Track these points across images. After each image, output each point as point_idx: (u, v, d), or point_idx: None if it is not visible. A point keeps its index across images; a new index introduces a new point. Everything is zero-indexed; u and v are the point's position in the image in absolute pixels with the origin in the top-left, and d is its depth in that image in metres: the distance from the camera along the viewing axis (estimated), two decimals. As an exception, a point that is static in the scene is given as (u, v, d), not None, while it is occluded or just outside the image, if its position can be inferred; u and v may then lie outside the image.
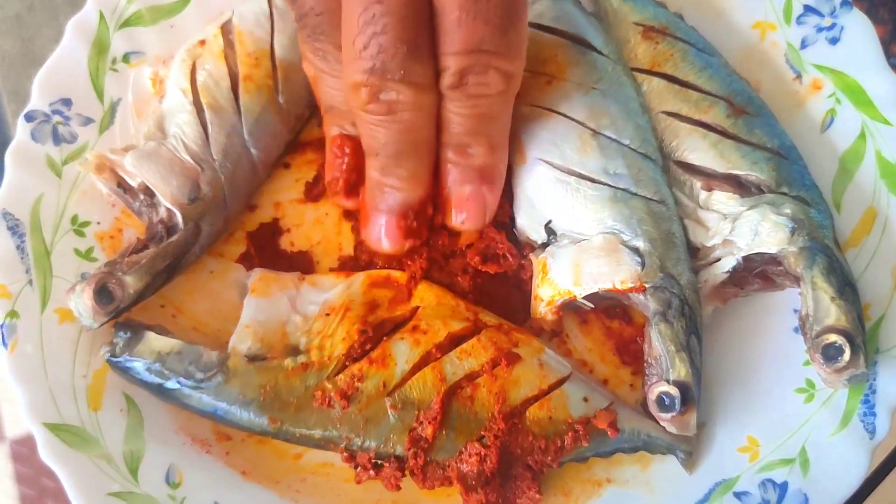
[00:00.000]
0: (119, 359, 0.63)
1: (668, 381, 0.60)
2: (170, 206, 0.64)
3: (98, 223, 0.68)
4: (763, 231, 0.62)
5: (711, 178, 0.65)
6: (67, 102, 0.69)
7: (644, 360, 0.62)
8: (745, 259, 0.63)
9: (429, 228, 0.62)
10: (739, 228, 0.63)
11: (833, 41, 0.69)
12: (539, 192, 0.65)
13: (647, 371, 0.62)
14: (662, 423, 0.61)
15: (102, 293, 0.61)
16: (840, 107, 0.68)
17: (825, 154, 0.68)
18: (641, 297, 0.62)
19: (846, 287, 0.61)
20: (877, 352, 0.63)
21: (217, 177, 0.66)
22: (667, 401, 0.60)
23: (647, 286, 0.62)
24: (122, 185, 0.66)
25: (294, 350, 0.63)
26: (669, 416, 0.60)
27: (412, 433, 0.60)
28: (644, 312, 0.63)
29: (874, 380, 0.63)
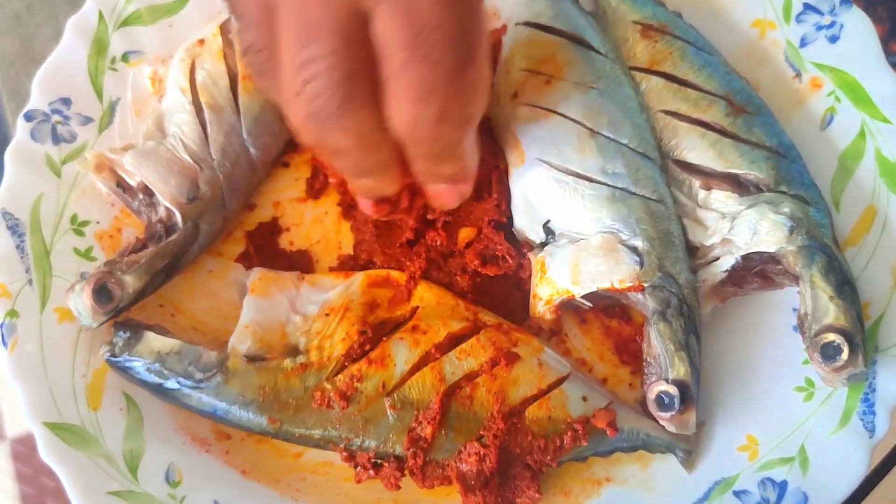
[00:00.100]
0: (118, 358, 0.63)
1: (668, 380, 0.60)
2: (169, 206, 0.64)
3: (97, 222, 0.68)
4: (762, 230, 0.62)
5: (710, 177, 0.65)
6: (67, 102, 0.69)
7: (643, 359, 0.62)
8: (744, 258, 0.63)
9: (410, 198, 0.61)
10: (738, 227, 0.63)
11: (833, 39, 0.68)
12: (537, 192, 0.65)
13: (646, 370, 0.62)
14: (661, 422, 0.61)
15: (102, 292, 0.61)
16: (839, 105, 0.68)
17: (824, 152, 0.68)
18: (640, 297, 0.62)
19: (845, 286, 0.61)
20: (876, 350, 0.63)
21: (216, 176, 0.66)
22: (666, 400, 0.60)
23: (646, 285, 0.62)
24: (122, 185, 0.66)
25: (293, 350, 0.63)
26: (668, 415, 0.60)
27: (411, 433, 0.60)
28: (643, 311, 0.63)
29: (874, 378, 0.63)
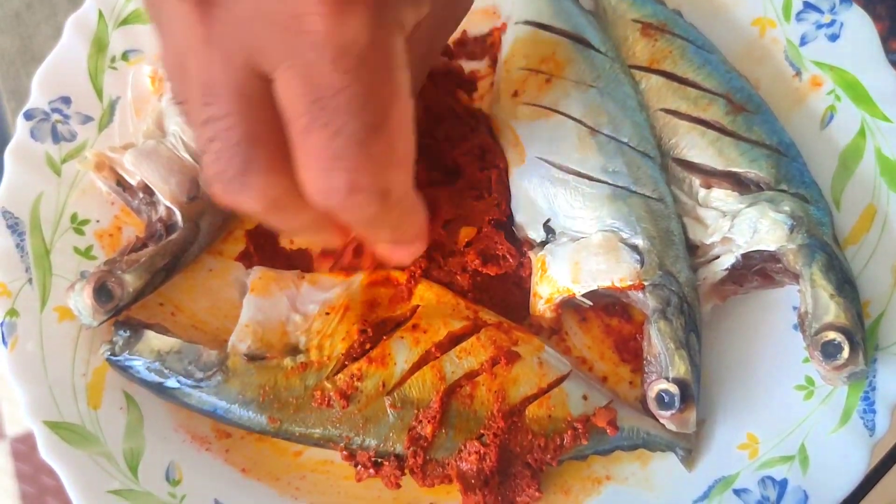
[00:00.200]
0: (119, 357, 0.63)
1: (668, 379, 0.60)
2: (169, 205, 0.64)
3: (97, 221, 0.68)
4: (762, 228, 0.62)
5: (710, 176, 0.65)
6: (67, 100, 0.69)
7: (643, 358, 0.62)
8: (744, 256, 0.63)
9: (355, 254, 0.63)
10: (738, 226, 0.63)
11: (833, 38, 0.68)
12: (537, 191, 0.65)
13: (647, 369, 0.62)
14: (662, 421, 0.61)
15: (102, 291, 0.61)
16: (840, 104, 0.68)
17: (825, 151, 0.68)
18: (640, 295, 0.62)
19: (845, 284, 0.61)
20: (876, 349, 0.63)
21: (216, 175, 0.66)
22: (666, 398, 0.60)
23: (646, 284, 0.62)
24: (122, 184, 0.66)
25: (294, 349, 0.63)
26: (669, 414, 0.60)
27: (412, 432, 0.60)
28: (643, 310, 0.63)
29: (874, 377, 0.63)
